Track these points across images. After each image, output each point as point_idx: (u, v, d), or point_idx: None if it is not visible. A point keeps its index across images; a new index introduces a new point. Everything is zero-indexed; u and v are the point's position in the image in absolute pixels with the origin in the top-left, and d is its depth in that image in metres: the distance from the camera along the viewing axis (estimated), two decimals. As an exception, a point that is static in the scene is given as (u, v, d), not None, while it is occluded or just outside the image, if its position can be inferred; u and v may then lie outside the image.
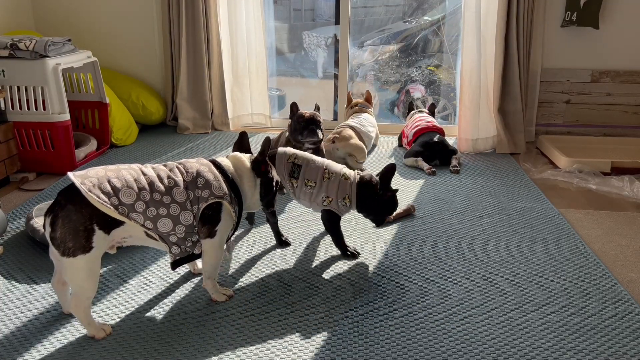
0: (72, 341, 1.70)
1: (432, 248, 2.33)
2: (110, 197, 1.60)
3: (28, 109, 3.07)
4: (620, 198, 2.95)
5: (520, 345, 1.70)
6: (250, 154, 1.99)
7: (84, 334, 1.73)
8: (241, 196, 1.88)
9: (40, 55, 3.01)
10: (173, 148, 3.71)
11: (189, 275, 2.09)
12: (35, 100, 3.06)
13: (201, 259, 1.85)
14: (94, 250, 1.60)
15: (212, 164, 1.85)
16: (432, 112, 3.79)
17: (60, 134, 3.10)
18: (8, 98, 3.05)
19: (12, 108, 3.06)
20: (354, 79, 4.76)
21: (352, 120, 3.59)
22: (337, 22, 4.16)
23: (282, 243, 2.34)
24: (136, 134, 3.89)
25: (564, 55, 3.80)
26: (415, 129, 3.54)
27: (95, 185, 1.60)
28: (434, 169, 3.26)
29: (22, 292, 1.98)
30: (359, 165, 3.26)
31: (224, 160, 1.90)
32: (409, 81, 4.77)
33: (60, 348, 1.67)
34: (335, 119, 4.30)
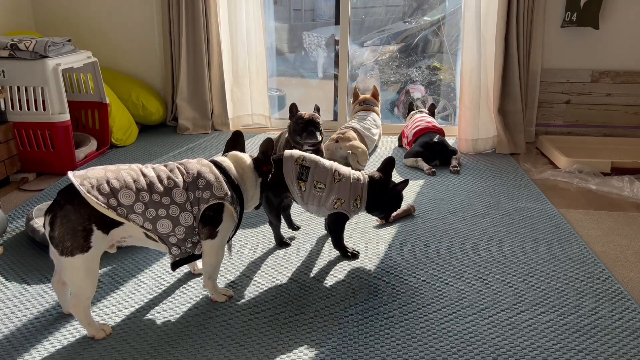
0: (72, 341, 1.71)
1: (432, 248, 2.33)
2: (109, 198, 1.60)
3: (28, 109, 3.07)
4: (620, 198, 2.95)
5: (520, 346, 1.70)
6: (249, 154, 1.99)
7: (84, 335, 1.73)
8: (243, 197, 1.88)
9: (40, 55, 3.01)
10: (173, 148, 3.71)
11: (189, 276, 2.09)
12: (35, 101, 3.06)
13: (202, 259, 1.85)
14: (92, 250, 1.60)
15: (214, 164, 1.85)
16: (432, 113, 3.79)
17: (60, 134, 3.10)
18: (8, 98, 3.05)
19: (12, 108, 3.06)
20: (357, 78, 4.77)
21: (357, 121, 3.57)
22: (337, 22, 4.16)
23: (294, 228, 2.49)
24: (136, 134, 3.89)
25: (564, 55, 3.80)
26: (415, 129, 3.54)
27: (94, 186, 1.60)
28: (433, 169, 3.26)
29: (22, 292, 1.98)
30: (359, 166, 3.26)
31: (225, 160, 1.89)
32: (409, 81, 4.77)
33: (60, 348, 1.67)
34: (335, 119, 4.30)
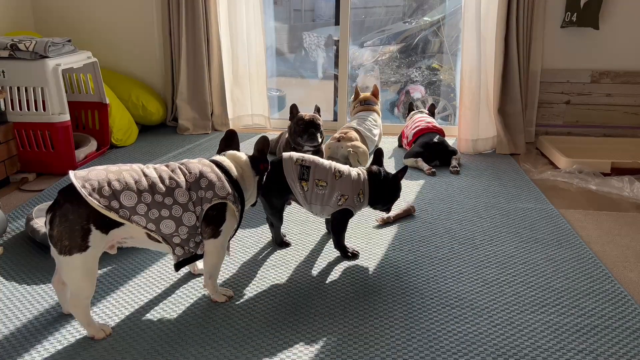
0: (72, 341, 1.70)
1: (432, 249, 2.33)
2: (111, 200, 1.60)
3: (28, 109, 3.07)
4: (620, 198, 2.95)
5: (520, 346, 1.70)
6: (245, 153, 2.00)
7: (84, 335, 1.73)
8: (244, 195, 1.88)
9: (40, 55, 3.01)
10: (173, 149, 3.71)
11: (189, 276, 2.09)
12: (35, 101, 3.06)
13: (203, 259, 1.85)
14: (90, 249, 1.60)
15: (214, 164, 1.85)
16: (432, 113, 3.79)
17: (60, 134, 3.10)
18: (8, 99, 3.05)
19: (12, 109, 3.06)
20: (357, 78, 4.77)
21: (358, 122, 3.57)
22: (337, 22, 4.15)
23: (283, 244, 2.35)
24: (136, 134, 3.89)
25: (564, 55, 3.80)
26: (415, 129, 3.54)
27: (95, 189, 1.59)
28: (433, 170, 3.26)
29: (22, 292, 1.98)
30: (359, 166, 3.27)
31: (225, 160, 1.89)
32: (408, 82, 4.77)
33: (60, 348, 1.67)
34: (335, 119, 4.30)
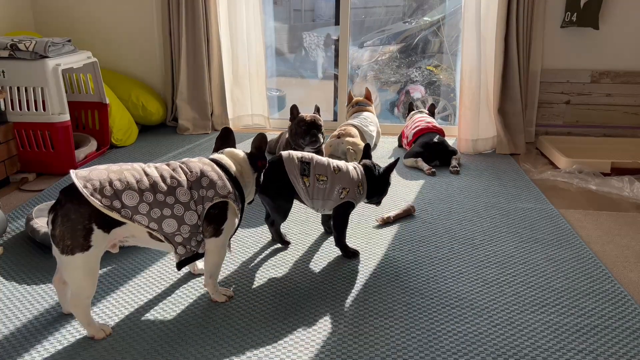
0: (72, 341, 1.70)
1: (431, 248, 2.33)
2: (113, 200, 1.60)
3: (28, 109, 3.07)
4: (620, 199, 2.95)
5: (520, 346, 1.70)
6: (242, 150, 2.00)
7: (84, 335, 1.73)
8: (243, 193, 1.88)
9: (40, 55, 3.01)
10: (173, 149, 3.71)
11: (189, 276, 2.09)
12: (35, 101, 3.06)
13: (204, 258, 1.85)
14: (92, 249, 1.60)
15: (214, 162, 1.85)
16: (432, 113, 3.79)
17: (60, 134, 3.10)
18: (8, 99, 3.05)
19: (12, 109, 3.06)
20: (354, 80, 4.77)
21: (355, 119, 3.61)
22: (337, 22, 4.16)
23: (283, 242, 2.36)
24: (136, 134, 3.89)
25: (564, 55, 3.80)
26: (415, 129, 3.54)
27: (97, 189, 1.59)
28: (433, 170, 3.26)
29: (22, 292, 1.98)
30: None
31: (224, 158, 1.90)
32: (408, 82, 4.77)
33: (60, 348, 1.67)
34: (335, 119, 4.30)
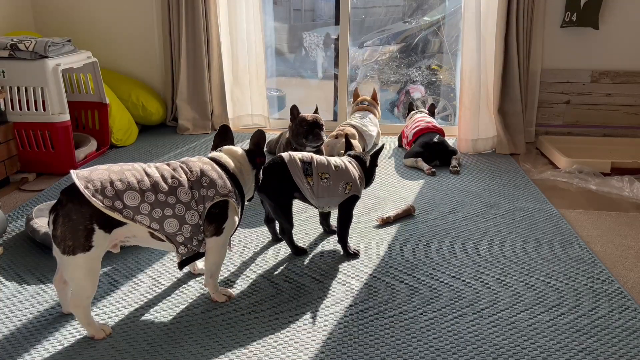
0: (72, 341, 1.70)
1: (431, 249, 2.33)
2: (114, 201, 1.60)
3: (28, 109, 3.06)
4: (620, 198, 2.95)
5: (520, 346, 1.70)
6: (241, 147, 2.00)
7: (84, 335, 1.73)
8: (243, 191, 1.88)
9: (40, 55, 3.01)
10: (173, 149, 3.71)
11: (189, 276, 2.09)
12: (35, 101, 3.05)
13: (205, 257, 1.85)
14: (93, 249, 1.60)
15: (213, 161, 1.85)
16: (432, 113, 3.80)
17: (60, 134, 3.10)
18: (8, 99, 3.05)
19: (12, 109, 3.06)
20: (358, 79, 4.77)
21: (355, 119, 3.61)
22: (337, 22, 4.15)
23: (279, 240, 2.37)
24: (136, 134, 3.89)
25: (564, 55, 3.80)
26: (415, 129, 3.54)
27: (98, 189, 1.59)
28: (433, 170, 3.26)
29: (22, 292, 1.98)
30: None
31: (223, 156, 1.90)
32: (408, 82, 4.77)
33: (60, 348, 1.67)
34: (335, 119, 4.30)
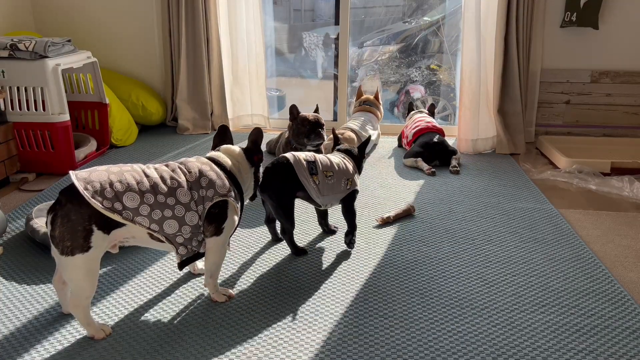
0: (72, 341, 1.70)
1: (431, 248, 2.33)
2: (114, 202, 1.60)
3: (28, 109, 3.06)
4: (620, 198, 2.95)
5: (520, 346, 1.70)
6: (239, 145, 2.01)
7: (84, 335, 1.73)
8: (242, 190, 1.88)
9: (40, 55, 3.01)
10: (173, 149, 3.71)
11: (189, 276, 2.09)
12: (35, 101, 3.05)
13: (204, 257, 1.85)
14: (92, 250, 1.60)
15: (212, 161, 1.85)
16: (432, 113, 3.80)
17: (60, 134, 3.10)
18: (8, 98, 3.05)
19: (12, 109, 3.06)
20: (359, 79, 4.77)
21: (355, 122, 3.60)
22: (336, 22, 4.15)
23: (279, 239, 2.37)
24: (136, 134, 3.89)
25: (563, 55, 3.80)
26: (415, 129, 3.54)
27: (98, 191, 1.59)
28: (433, 170, 3.26)
29: (22, 292, 1.98)
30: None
31: (221, 156, 1.90)
32: (408, 82, 4.77)
33: (60, 348, 1.67)
34: (335, 119, 4.30)
